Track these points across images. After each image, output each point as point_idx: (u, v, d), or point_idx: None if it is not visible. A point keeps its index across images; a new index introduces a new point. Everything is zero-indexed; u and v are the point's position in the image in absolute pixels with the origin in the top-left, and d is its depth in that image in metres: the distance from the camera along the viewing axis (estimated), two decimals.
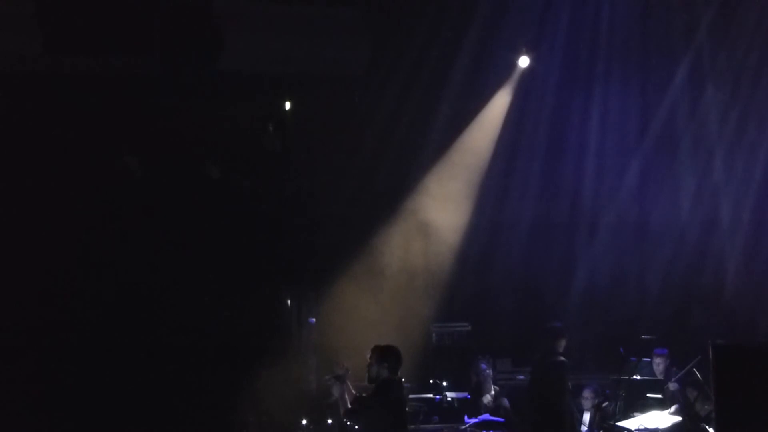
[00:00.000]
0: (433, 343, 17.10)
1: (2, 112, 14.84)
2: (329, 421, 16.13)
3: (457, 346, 16.67)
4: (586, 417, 13.50)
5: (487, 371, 14.87)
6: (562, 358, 12.69)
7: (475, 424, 13.30)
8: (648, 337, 13.76)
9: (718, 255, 17.37)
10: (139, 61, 15.68)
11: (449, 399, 14.27)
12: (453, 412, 13.94)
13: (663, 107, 17.13)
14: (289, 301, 18.46)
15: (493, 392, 14.67)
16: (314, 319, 18.31)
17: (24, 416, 14.79)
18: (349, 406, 11.42)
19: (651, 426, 12.63)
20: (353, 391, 13.46)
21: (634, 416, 13.04)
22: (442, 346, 16.85)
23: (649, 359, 14.65)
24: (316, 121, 16.46)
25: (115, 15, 15.01)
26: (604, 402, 13.31)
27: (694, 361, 13.94)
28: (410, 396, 14.50)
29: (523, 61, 16.71)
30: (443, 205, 17.17)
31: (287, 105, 17.23)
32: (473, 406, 14.17)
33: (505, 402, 14.06)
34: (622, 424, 12.82)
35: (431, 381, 15.35)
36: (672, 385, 14.23)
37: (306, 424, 17.19)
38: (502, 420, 13.36)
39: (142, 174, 16.58)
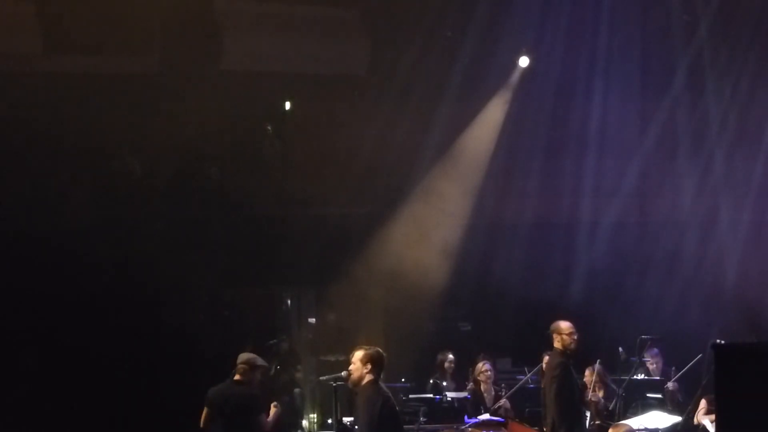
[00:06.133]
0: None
1: (2, 112, 14.84)
2: (329, 420, 16.15)
3: (457, 346, 16.66)
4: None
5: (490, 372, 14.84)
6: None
7: (475, 424, 13.29)
8: (648, 337, 13.75)
9: (718, 255, 17.37)
10: (139, 61, 15.69)
11: (449, 399, 14.25)
12: (453, 412, 13.91)
13: (663, 107, 17.14)
14: (289, 301, 18.48)
15: (493, 393, 14.66)
16: (314, 319, 18.32)
17: (22, 419, 14.79)
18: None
19: (651, 426, 12.61)
20: None
21: (634, 416, 13.04)
22: (442, 345, 16.81)
23: (649, 359, 14.66)
24: (316, 121, 16.47)
25: (115, 15, 15.03)
26: None
27: (693, 360, 13.95)
28: (410, 396, 14.50)
29: (523, 61, 16.72)
30: (443, 204, 17.16)
31: (287, 105, 17.24)
32: (474, 408, 14.16)
33: (506, 403, 14.05)
34: (624, 423, 12.80)
35: (431, 381, 15.35)
36: (671, 385, 14.23)
37: (306, 425, 17.22)
38: (503, 420, 13.34)
39: (142, 174, 16.59)
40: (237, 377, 11.39)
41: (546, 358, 12.95)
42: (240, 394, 11.29)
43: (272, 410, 11.57)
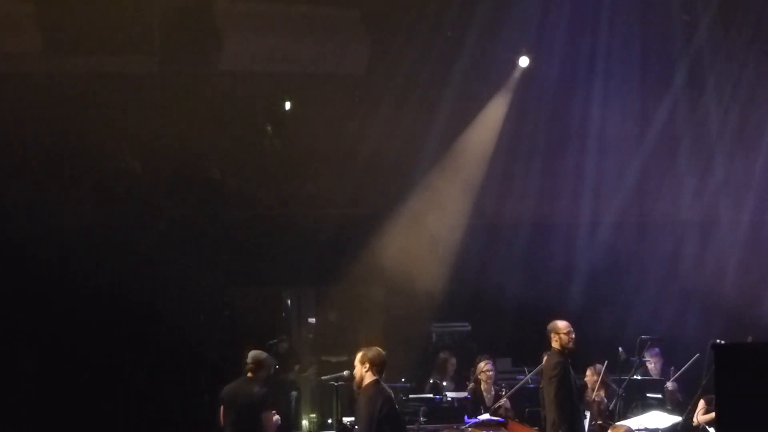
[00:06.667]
0: (433, 343, 17.09)
1: (2, 112, 14.84)
2: (329, 420, 16.14)
3: (457, 346, 16.66)
4: None
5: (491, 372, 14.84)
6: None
7: (475, 424, 13.29)
8: (648, 337, 13.76)
9: (718, 255, 17.37)
10: (138, 61, 15.70)
11: (449, 399, 14.26)
12: (453, 412, 13.92)
13: (663, 107, 17.14)
14: (289, 301, 18.47)
15: (493, 392, 14.66)
16: (314, 319, 18.32)
17: (22, 420, 14.80)
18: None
19: (651, 426, 12.62)
20: None
21: (633, 416, 13.04)
22: (442, 346, 16.83)
23: (648, 360, 14.67)
24: (316, 121, 16.47)
25: (115, 15, 15.03)
26: None
27: (691, 360, 13.95)
28: (410, 396, 14.50)
29: (523, 61, 16.72)
30: (443, 204, 17.16)
31: (287, 105, 17.25)
32: (474, 408, 14.17)
33: (506, 403, 14.04)
34: (622, 423, 12.80)
35: (431, 381, 15.35)
36: (671, 385, 14.23)
37: (306, 424, 17.21)
38: (503, 420, 13.34)
39: (142, 174, 16.59)
40: (248, 375, 11.71)
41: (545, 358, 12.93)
42: (249, 391, 11.61)
43: (273, 417, 11.71)
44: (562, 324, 11.98)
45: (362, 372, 10.20)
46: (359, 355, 10.27)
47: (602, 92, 16.84)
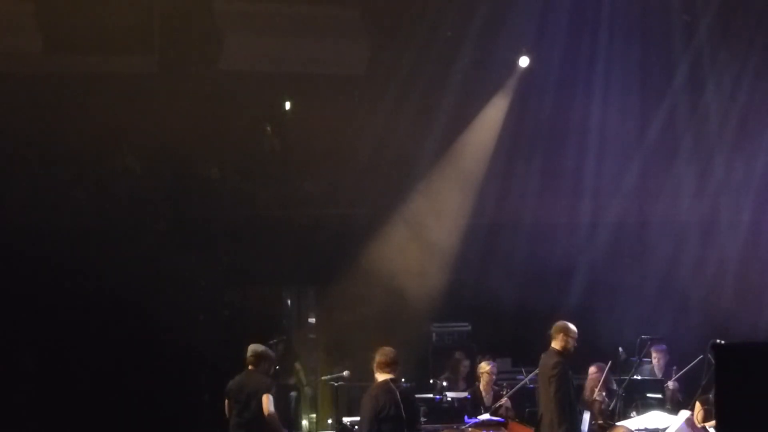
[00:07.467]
0: (433, 343, 17.09)
1: (2, 112, 14.85)
2: (329, 420, 16.16)
3: (457, 346, 16.66)
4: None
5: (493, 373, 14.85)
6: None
7: (475, 424, 13.30)
8: (648, 337, 13.77)
9: (718, 255, 17.37)
10: (138, 61, 15.70)
11: (449, 399, 14.27)
12: (453, 412, 13.93)
13: (663, 107, 17.13)
14: (289, 301, 18.48)
15: (492, 392, 14.67)
16: (314, 319, 18.32)
17: (22, 420, 14.81)
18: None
19: (651, 426, 12.62)
20: None
21: (633, 416, 13.05)
22: (442, 346, 16.84)
23: (649, 359, 14.67)
24: (316, 121, 16.47)
25: (115, 15, 15.04)
26: None
27: (695, 360, 13.95)
28: None
29: (523, 61, 16.72)
30: (443, 204, 17.17)
31: (287, 105, 17.25)
32: (474, 408, 14.18)
33: (507, 402, 14.06)
34: (622, 423, 12.81)
35: (431, 381, 15.35)
36: (672, 384, 14.23)
37: (306, 425, 17.22)
38: (503, 420, 13.35)
39: (142, 174, 16.59)
40: (250, 368, 12.01)
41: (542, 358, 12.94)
42: (253, 382, 11.91)
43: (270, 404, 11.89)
44: (573, 327, 11.95)
45: (375, 373, 10.41)
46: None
47: (602, 92, 16.83)
